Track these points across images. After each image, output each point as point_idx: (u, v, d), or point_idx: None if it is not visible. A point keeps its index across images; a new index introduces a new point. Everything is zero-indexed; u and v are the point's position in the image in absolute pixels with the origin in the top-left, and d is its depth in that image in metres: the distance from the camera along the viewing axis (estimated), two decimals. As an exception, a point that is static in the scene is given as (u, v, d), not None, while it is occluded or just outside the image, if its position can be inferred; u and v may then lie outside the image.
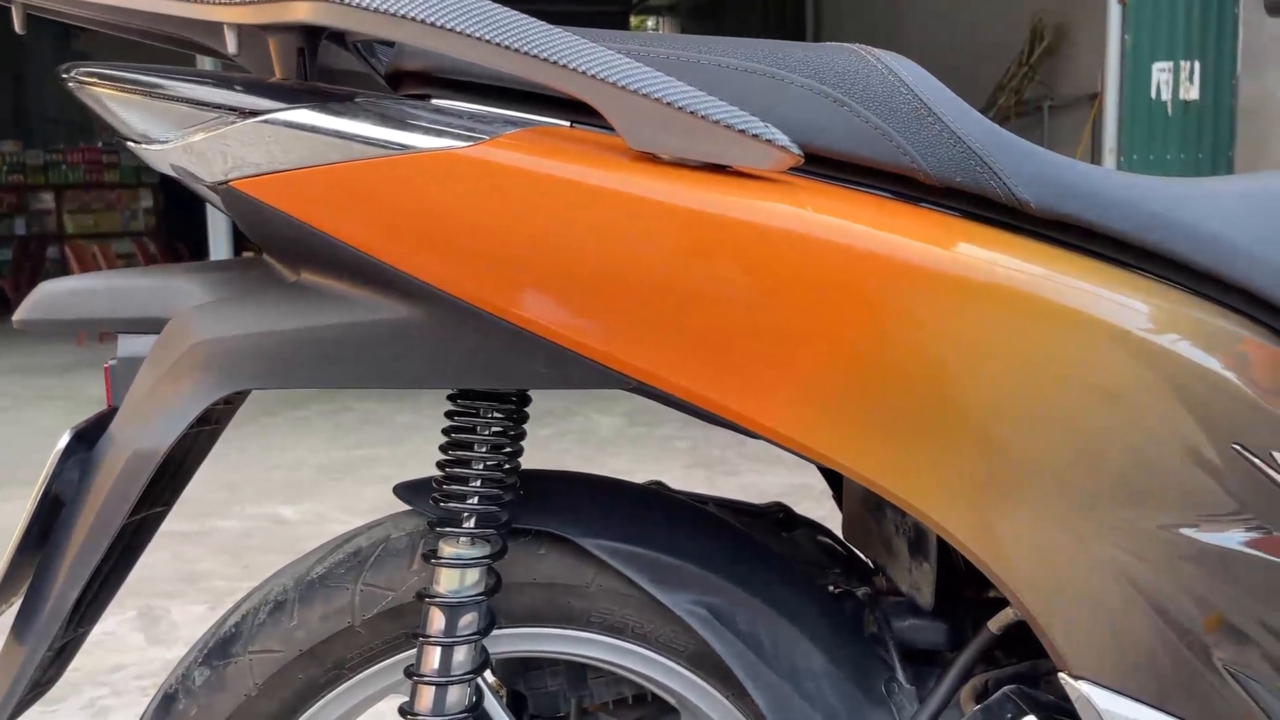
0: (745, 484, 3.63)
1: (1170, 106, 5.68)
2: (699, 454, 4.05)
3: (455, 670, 0.79)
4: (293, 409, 5.06)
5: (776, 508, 1.14)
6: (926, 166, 0.72)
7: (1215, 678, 0.75)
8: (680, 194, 0.68)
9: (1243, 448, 0.74)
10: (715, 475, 3.75)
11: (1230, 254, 0.76)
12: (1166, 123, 5.70)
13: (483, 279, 0.69)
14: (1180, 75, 5.65)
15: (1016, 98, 7.29)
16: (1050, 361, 0.72)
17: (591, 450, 4.14)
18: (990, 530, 0.73)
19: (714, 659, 0.85)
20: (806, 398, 0.71)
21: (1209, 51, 5.67)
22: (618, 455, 4.05)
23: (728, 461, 3.95)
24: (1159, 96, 5.68)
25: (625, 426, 4.54)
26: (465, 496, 0.79)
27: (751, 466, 3.83)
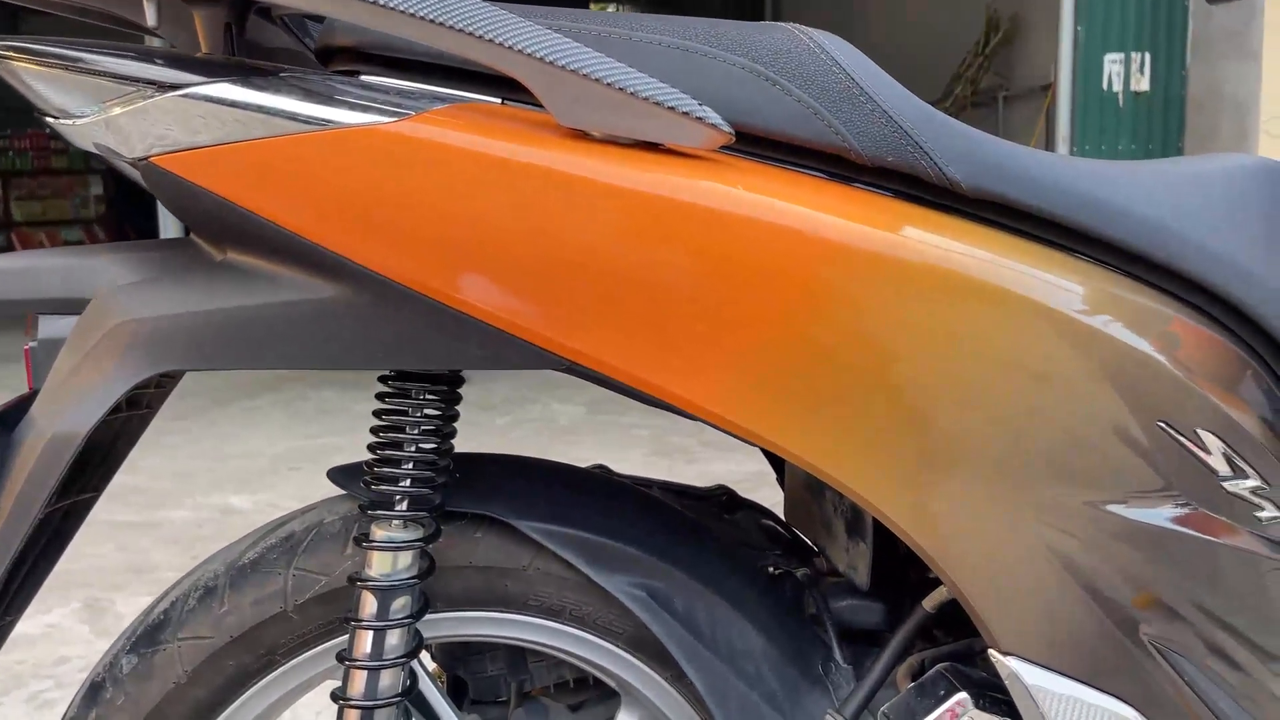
0: (705, 471, 3.64)
1: (1122, 97, 5.75)
2: (660, 443, 4.05)
3: (388, 654, 0.78)
4: (247, 399, 5.00)
5: (720, 491, 1.15)
6: (858, 146, 0.72)
7: (1142, 653, 0.76)
8: (610, 172, 0.68)
9: (1168, 425, 0.74)
10: (676, 463, 3.76)
11: (1158, 235, 0.77)
12: (1118, 113, 5.77)
13: (410, 257, 0.68)
14: (1131, 67, 5.72)
15: (972, 88, 7.35)
16: (980, 341, 0.72)
17: (551, 439, 4.12)
18: (922, 509, 0.73)
19: (653, 641, 0.85)
20: (739, 378, 0.71)
21: (1160, 43, 5.75)
22: (578, 444, 4.04)
23: (688, 450, 3.96)
24: (1111, 88, 5.75)
25: (585, 415, 4.53)
26: (396, 479, 0.78)
27: (713, 454, 3.84)
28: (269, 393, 5.12)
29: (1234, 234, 0.80)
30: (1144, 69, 5.72)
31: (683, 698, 0.89)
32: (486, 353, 0.71)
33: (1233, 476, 0.77)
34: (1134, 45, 5.72)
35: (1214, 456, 0.76)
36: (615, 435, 4.16)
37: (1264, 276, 0.79)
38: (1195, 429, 0.75)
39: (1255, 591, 0.79)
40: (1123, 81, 5.72)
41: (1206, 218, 0.80)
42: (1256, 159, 0.89)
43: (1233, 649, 0.79)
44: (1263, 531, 0.78)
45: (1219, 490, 0.76)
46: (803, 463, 0.74)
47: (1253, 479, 0.77)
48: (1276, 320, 0.79)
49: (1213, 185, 0.84)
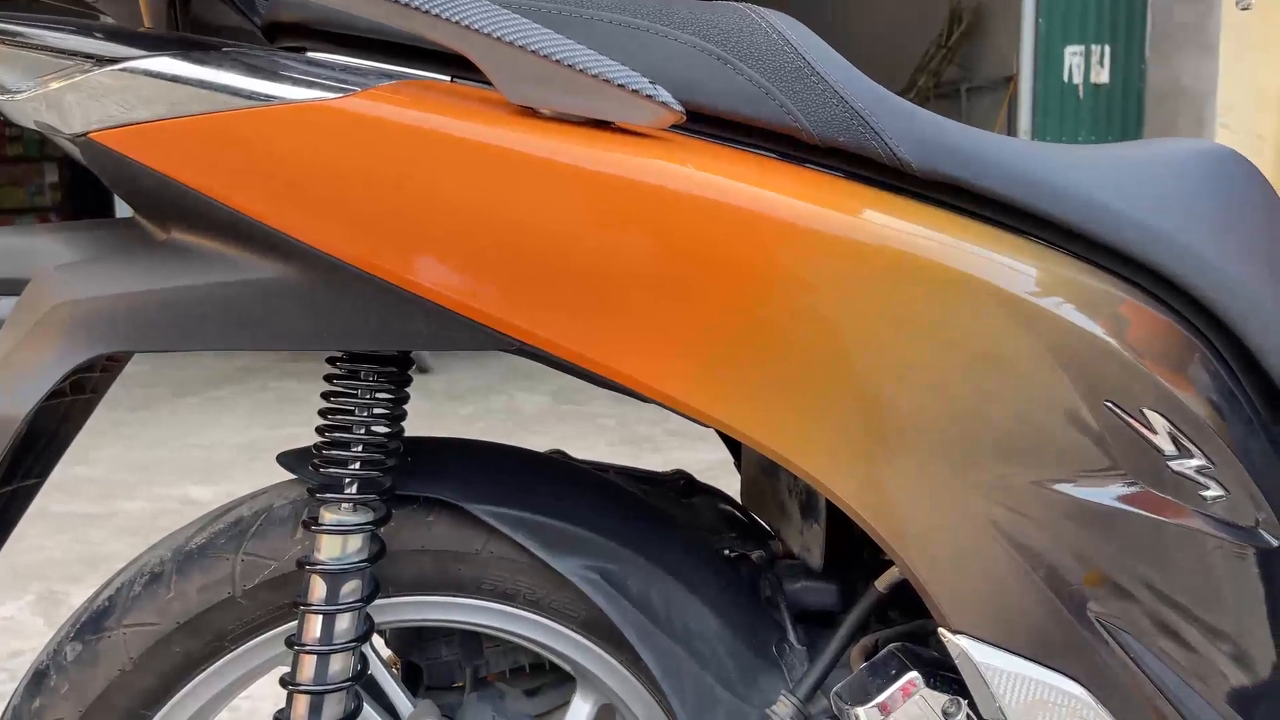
0: (670, 460, 3.64)
1: (1082, 90, 5.81)
2: (626, 431, 4.05)
3: (338, 638, 0.77)
4: (210, 389, 4.94)
5: (677, 475, 1.15)
6: (809, 126, 0.72)
7: (1090, 631, 0.77)
8: (559, 149, 0.67)
9: (1115, 406, 0.75)
10: (641, 452, 3.76)
11: (1108, 217, 0.78)
12: (1078, 106, 5.83)
13: (355, 236, 0.67)
14: (1091, 59, 5.78)
15: (936, 79, 7.40)
16: (931, 322, 0.72)
17: (516, 428, 4.11)
18: (873, 489, 0.73)
19: (607, 624, 0.85)
20: (690, 359, 0.71)
21: (1119, 36, 5.81)
22: (544, 434, 4.02)
23: (654, 439, 3.96)
24: (1071, 80, 5.81)
25: (550, 404, 4.52)
26: (345, 462, 0.77)
27: (678, 443, 3.84)
28: (231, 383, 5.06)
29: (1184, 218, 0.81)
30: (1104, 61, 5.78)
31: (638, 681, 0.89)
32: (435, 333, 0.71)
33: (1178, 456, 0.78)
34: (1094, 38, 5.79)
35: (1160, 436, 0.77)
36: (580, 424, 4.15)
37: (1212, 260, 0.80)
38: (1142, 409, 0.76)
39: (1200, 570, 0.80)
40: (1083, 74, 5.78)
41: (1157, 201, 0.81)
42: (1208, 144, 0.90)
43: (1179, 627, 0.80)
44: (1207, 510, 0.79)
45: (1165, 470, 0.77)
46: (755, 444, 0.73)
47: (1198, 458, 0.78)
48: (1223, 302, 0.80)
49: (1164, 169, 0.85)
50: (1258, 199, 0.88)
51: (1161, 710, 0.79)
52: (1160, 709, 0.79)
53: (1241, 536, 0.81)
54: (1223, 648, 0.82)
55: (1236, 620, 0.82)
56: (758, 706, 0.86)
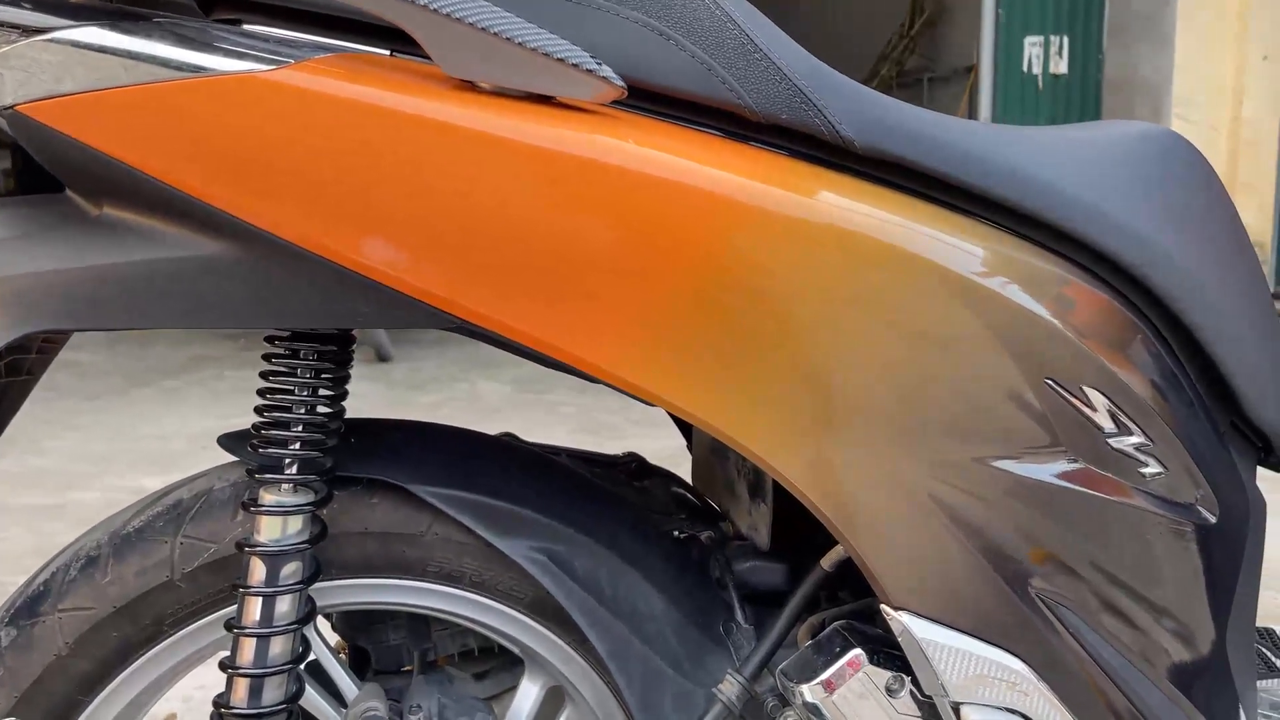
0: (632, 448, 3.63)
1: (1041, 80, 5.87)
2: (587, 419, 4.04)
3: (278, 621, 0.76)
4: (164, 378, 4.87)
5: (630, 458, 1.14)
6: (752, 103, 0.72)
7: (1030, 607, 0.78)
8: (498, 124, 0.66)
9: (1056, 383, 0.76)
10: (603, 440, 3.75)
11: (1050, 197, 0.78)
12: (1037, 95, 5.89)
13: (291, 211, 0.66)
14: (1050, 49, 5.84)
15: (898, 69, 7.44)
16: (872, 299, 0.73)
17: (477, 417, 4.09)
18: (815, 467, 0.73)
19: (554, 605, 0.85)
20: (633, 337, 0.70)
21: (1077, 27, 5.87)
22: (505, 422, 4.01)
23: (615, 427, 3.95)
24: (1030, 70, 5.87)
25: (512, 393, 4.50)
26: (285, 442, 0.76)
27: (641, 431, 3.84)
28: (186, 372, 4.99)
29: (1126, 199, 0.81)
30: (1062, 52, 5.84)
31: (586, 662, 0.89)
32: (375, 311, 0.70)
33: (1118, 433, 0.78)
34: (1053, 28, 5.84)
35: (1099, 414, 0.78)
36: (542, 413, 4.14)
37: (1154, 241, 0.81)
38: (1082, 387, 0.77)
39: (1140, 546, 0.81)
40: (1042, 64, 5.84)
41: (1100, 182, 0.81)
42: (1152, 126, 0.91)
43: (1120, 603, 0.81)
44: (1147, 487, 0.80)
45: (1105, 447, 0.78)
46: (700, 423, 0.73)
47: (1137, 436, 0.79)
48: (1163, 282, 0.81)
49: (1108, 151, 0.86)
50: (1200, 182, 0.90)
51: (1101, 686, 0.80)
52: (1100, 684, 0.80)
53: (1180, 513, 0.82)
54: (1163, 624, 0.83)
55: (1176, 596, 0.83)
56: (705, 686, 0.86)
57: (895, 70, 7.41)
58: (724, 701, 0.84)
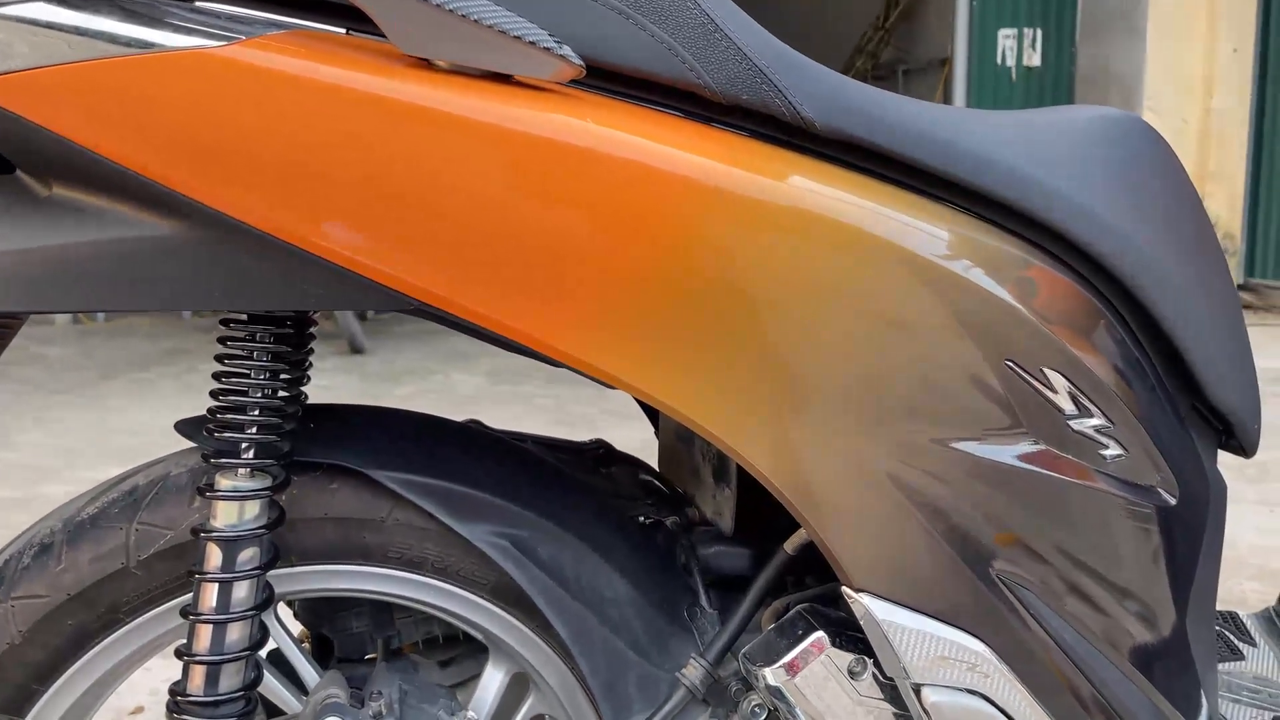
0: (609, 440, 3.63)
1: (1014, 72, 5.90)
2: (562, 411, 4.03)
3: (235, 607, 0.75)
4: (136, 370, 4.82)
5: (596, 444, 1.14)
6: (712, 83, 0.71)
7: (991, 589, 0.78)
8: (455, 103, 0.66)
9: (1016, 364, 0.76)
10: (578, 431, 3.74)
11: (1011, 179, 0.78)
12: (1010, 88, 5.92)
13: (244, 191, 0.65)
14: (1024, 42, 5.87)
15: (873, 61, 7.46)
16: (833, 281, 0.72)
17: (452, 409, 4.06)
18: (776, 449, 0.73)
19: (516, 591, 0.84)
20: (593, 319, 0.70)
21: (1050, 20, 5.91)
22: (480, 414, 3.96)
23: (591, 418, 3.95)
24: (1004, 62, 5.89)
25: (486, 385, 4.49)
26: (241, 426, 0.75)
27: (616, 422, 3.84)
28: (158, 365, 4.95)
29: (1087, 182, 0.82)
30: (1036, 45, 5.87)
31: (549, 648, 0.89)
32: (329, 292, 0.69)
33: (1078, 415, 0.79)
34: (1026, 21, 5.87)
35: (1060, 395, 0.78)
36: (517, 406, 4.13)
37: (1115, 224, 0.81)
38: (1042, 368, 0.77)
39: (1101, 528, 0.81)
40: (1015, 56, 5.87)
41: (1063, 166, 0.81)
42: (1114, 111, 0.91)
43: (1081, 584, 0.81)
44: (1107, 470, 0.81)
45: (1065, 429, 0.78)
46: (661, 404, 0.73)
47: (1097, 418, 0.79)
48: (1124, 265, 0.81)
49: (1072, 135, 0.86)
50: (1163, 166, 0.90)
51: (1062, 667, 0.81)
52: (1061, 666, 0.80)
53: (1141, 496, 0.83)
54: (1124, 605, 0.83)
55: (1136, 578, 0.84)
56: (669, 670, 0.86)
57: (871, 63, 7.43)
58: (687, 686, 0.84)
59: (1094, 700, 0.82)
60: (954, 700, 0.77)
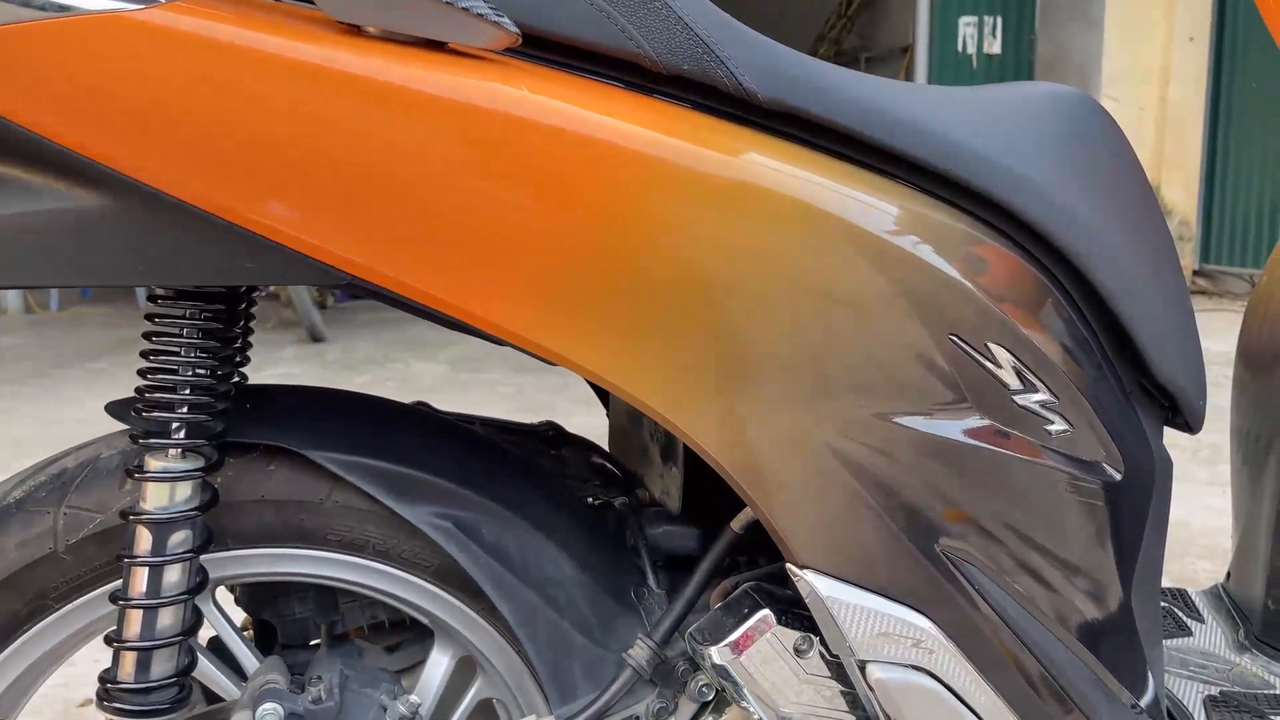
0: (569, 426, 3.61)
1: (975, 59, 5.93)
2: (525, 399, 4.01)
3: (166, 591, 0.73)
4: (88, 360, 4.74)
5: (546, 426, 1.13)
6: (652, 53, 0.70)
7: (936, 565, 0.77)
8: (386, 70, 0.64)
9: (959, 339, 0.75)
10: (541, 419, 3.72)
11: (955, 153, 0.77)
12: (971, 75, 5.95)
13: (165, 162, 0.63)
14: (984, 30, 5.90)
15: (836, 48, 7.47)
16: (775, 255, 0.71)
17: (412, 397, 4.02)
18: (719, 425, 0.72)
19: (461, 574, 0.83)
20: (532, 293, 0.68)
21: (1010, 7, 5.94)
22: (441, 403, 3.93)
23: (554, 406, 3.93)
24: (965, 49, 5.92)
25: (448, 373, 4.45)
26: (170, 406, 0.73)
27: (580, 410, 3.82)
28: (110, 354, 4.87)
29: (1034, 158, 0.81)
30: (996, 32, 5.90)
31: (495, 631, 0.87)
32: (259, 267, 0.67)
33: (1023, 390, 0.78)
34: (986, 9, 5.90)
35: (1005, 370, 0.77)
36: (479, 393, 4.10)
37: (1060, 199, 0.81)
38: (987, 343, 0.76)
39: (1046, 504, 0.81)
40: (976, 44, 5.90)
41: (1009, 141, 0.81)
42: (1062, 88, 0.91)
43: (1026, 560, 0.81)
44: (1052, 445, 0.81)
45: (1010, 404, 0.78)
46: (602, 381, 0.72)
47: (1042, 393, 0.79)
48: (1070, 241, 0.81)
49: (1019, 111, 0.85)
50: (1109, 144, 0.90)
51: (1008, 643, 0.80)
52: (1007, 641, 0.80)
53: (1086, 471, 0.83)
54: (1069, 581, 0.83)
55: (1081, 554, 0.84)
56: (615, 651, 0.85)
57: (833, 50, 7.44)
58: (634, 666, 0.83)
59: (1040, 675, 0.82)
60: (899, 676, 0.77)
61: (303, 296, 4.90)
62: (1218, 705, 1.02)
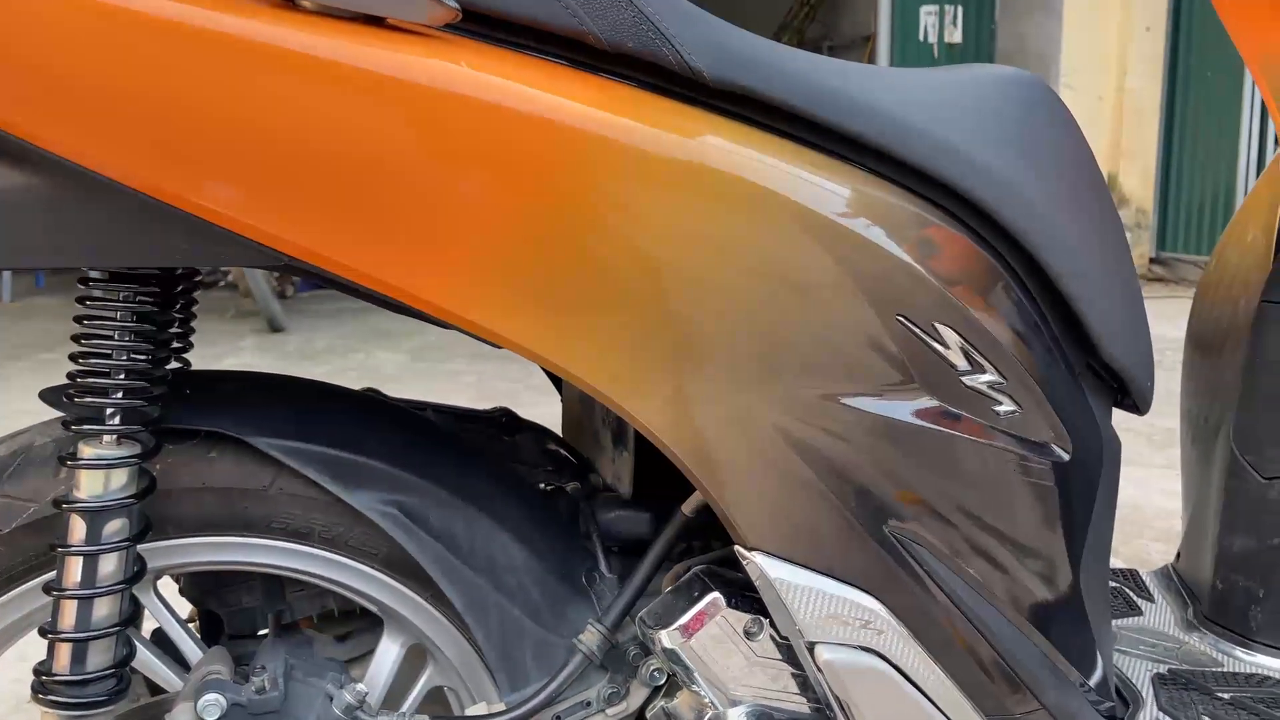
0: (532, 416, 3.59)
1: (936, 48, 5.96)
2: (486, 388, 3.99)
3: (102, 581, 0.72)
4: (42, 351, 4.65)
5: (500, 413, 1.12)
6: (597, 30, 0.69)
7: (884, 544, 0.77)
8: (322, 45, 0.62)
9: (906, 319, 0.75)
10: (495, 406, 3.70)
11: (904, 134, 0.77)
12: (933, 63, 5.98)
13: (93, 138, 0.61)
14: (945, 19, 5.93)
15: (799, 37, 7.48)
16: (722, 235, 0.71)
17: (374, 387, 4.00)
18: (667, 407, 0.72)
19: (409, 561, 0.82)
20: (474, 274, 0.67)
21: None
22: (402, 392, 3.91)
23: (515, 394, 3.91)
24: (926, 38, 5.95)
25: (409, 362, 4.42)
26: (104, 391, 0.71)
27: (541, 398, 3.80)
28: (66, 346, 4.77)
29: (984, 139, 0.81)
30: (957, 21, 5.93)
31: (445, 618, 0.86)
32: (193, 249, 0.66)
33: (971, 371, 0.78)
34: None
35: (952, 351, 0.77)
36: (439, 382, 4.07)
37: (1009, 181, 0.81)
38: (934, 323, 0.76)
39: (994, 485, 0.81)
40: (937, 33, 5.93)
41: (957, 122, 0.80)
42: (1012, 70, 0.91)
43: (974, 540, 0.81)
44: (1000, 426, 0.81)
45: (958, 384, 0.78)
46: (549, 364, 0.71)
47: (990, 374, 0.79)
48: (1017, 222, 0.81)
49: (968, 93, 0.85)
50: (1058, 126, 0.90)
51: (956, 623, 0.81)
52: (955, 622, 0.81)
53: (1034, 452, 0.83)
54: (1017, 561, 0.84)
55: (1030, 534, 0.84)
56: (566, 637, 0.84)
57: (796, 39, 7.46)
58: (584, 652, 0.83)
59: (988, 655, 0.82)
60: (847, 658, 0.76)
61: (261, 286, 4.84)
62: (1165, 683, 1.03)
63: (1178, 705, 0.99)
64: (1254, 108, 5.83)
